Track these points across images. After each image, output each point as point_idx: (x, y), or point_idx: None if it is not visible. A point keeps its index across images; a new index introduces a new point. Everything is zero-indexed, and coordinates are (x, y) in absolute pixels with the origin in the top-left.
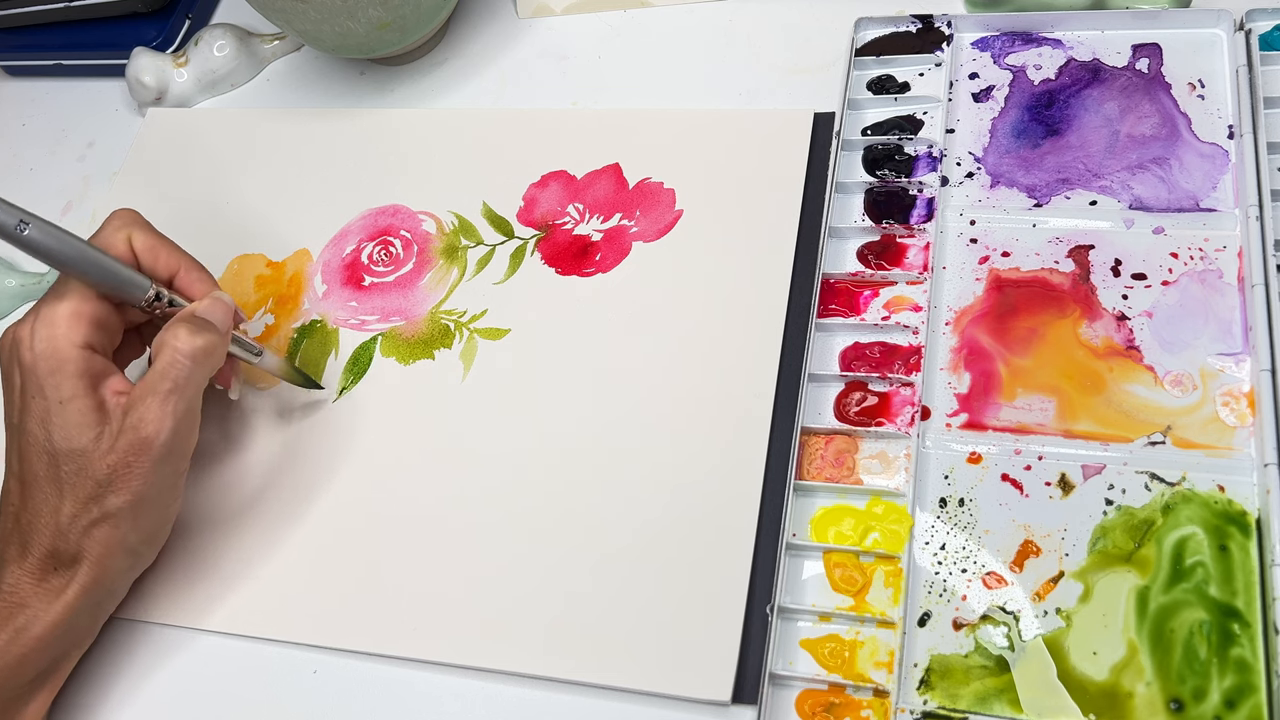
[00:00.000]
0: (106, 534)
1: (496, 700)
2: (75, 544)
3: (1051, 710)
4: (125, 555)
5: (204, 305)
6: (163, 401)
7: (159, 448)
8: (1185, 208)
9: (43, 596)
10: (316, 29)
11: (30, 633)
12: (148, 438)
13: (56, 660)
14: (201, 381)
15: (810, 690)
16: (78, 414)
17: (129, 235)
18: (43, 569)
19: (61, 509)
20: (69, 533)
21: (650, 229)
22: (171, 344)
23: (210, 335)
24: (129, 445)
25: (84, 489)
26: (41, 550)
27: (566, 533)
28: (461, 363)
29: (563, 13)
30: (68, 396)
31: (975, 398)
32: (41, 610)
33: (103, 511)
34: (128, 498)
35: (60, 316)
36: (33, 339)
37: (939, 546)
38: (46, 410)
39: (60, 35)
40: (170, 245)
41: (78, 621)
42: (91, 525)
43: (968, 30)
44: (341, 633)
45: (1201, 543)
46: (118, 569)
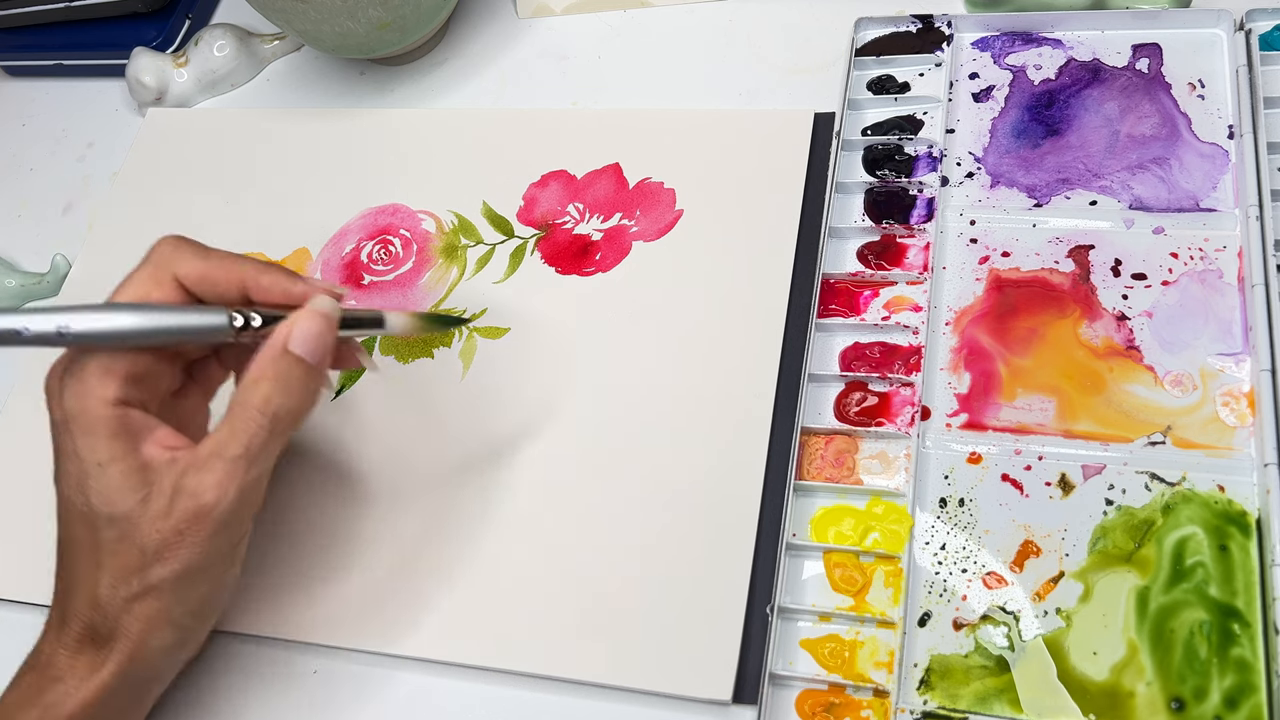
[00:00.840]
0: (148, 609)
1: (496, 700)
2: (114, 619)
3: (1052, 710)
4: (171, 631)
5: (300, 331)
6: (230, 467)
7: (218, 517)
8: (1185, 208)
9: (77, 673)
10: (316, 29)
11: (60, 710)
12: (206, 505)
13: None
14: (279, 447)
15: (810, 690)
16: (119, 477)
17: (174, 273)
18: (79, 641)
19: (100, 579)
20: (108, 605)
21: (650, 229)
22: (251, 403)
23: (299, 395)
24: (184, 513)
25: (126, 558)
26: (79, 622)
27: (565, 532)
28: (461, 361)
29: (563, 13)
30: (104, 459)
31: (975, 398)
32: (74, 688)
33: (145, 584)
34: (176, 568)
35: (90, 371)
36: (62, 394)
37: (939, 546)
38: (83, 473)
39: (60, 35)
40: (225, 260)
41: (115, 702)
42: (132, 598)
43: (968, 30)
44: (341, 633)
45: (1201, 543)
46: (160, 647)
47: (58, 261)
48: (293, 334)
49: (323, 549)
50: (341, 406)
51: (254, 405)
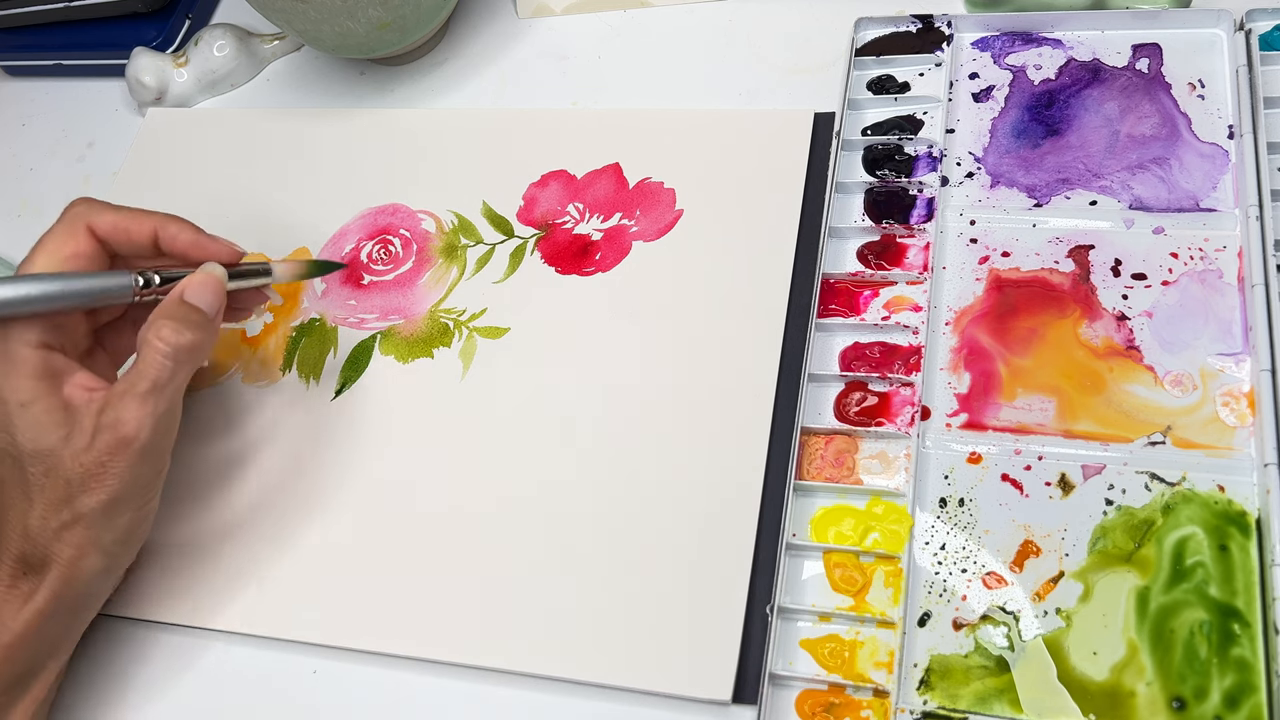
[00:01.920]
0: (78, 535)
1: (496, 700)
2: (44, 547)
3: (1052, 710)
4: (99, 556)
5: (194, 285)
6: (142, 401)
7: (138, 447)
8: (1185, 208)
9: (11, 602)
10: (316, 29)
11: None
12: (126, 437)
13: (32, 669)
14: (184, 380)
15: (810, 690)
16: (42, 414)
17: (87, 224)
18: (12, 574)
19: (30, 512)
20: (38, 536)
21: (650, 229)
22: (154, 342)
23: (196, 333)
24: (106, 445)
25: (54, 490)
26: (10, 556)
27: (565, 532)
28: (461, 361)
29: (563, 13)
30: (28, 398)
31: (975, 398)
32: (10, 617)
33: (74, 513)
34: (102, 497)
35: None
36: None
37: (939, 546)
38: (7, 414)
39: (60, 35)
40: (136, 214)
41: (50, 628)
42: (62, 527)
43: (968, 30)
44: (341, 633)
45: (1201, 543)
46: (91, 571)
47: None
48: (187, 288)
49: (321, 549)
50: (341, 406)
51: (155, 345)
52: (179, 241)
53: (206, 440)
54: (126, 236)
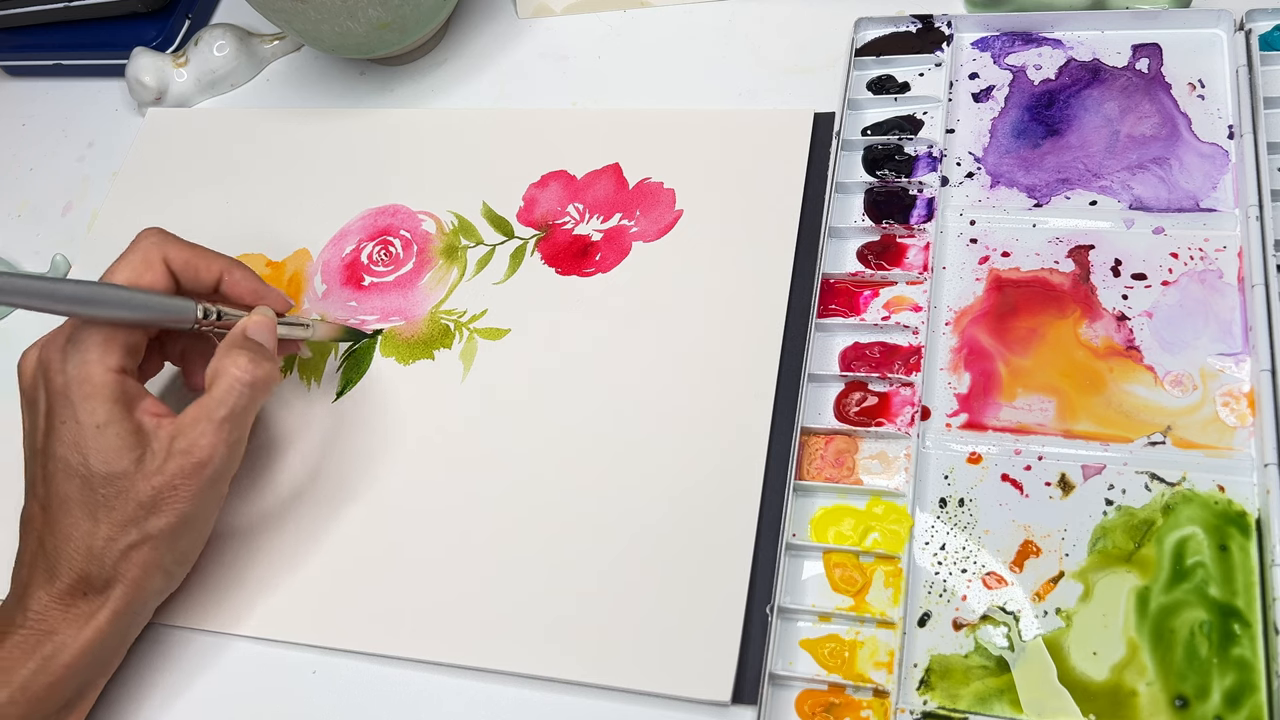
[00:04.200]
0: (145, 556)
1: (496, 700)
2: (111, 567)
3: (1052, 710)
4: (161, 577)
5: (254, 324)
6: (218, 428)
7: (210, 472)
8: (1185, 208)
9: (72, 623)
10: (316, 29)
11: (59, 660)
12: (200, 461)
13: (84, 686)
14: (255, 409)
15: (810, 690)
16: (116, 438)
17: (163, 256)
18: (72, 593)
19: (96, 532)
20: (104, 556)
21: (650, 229)
22: (232, 372)
23: (269, 364)
24: (179, 468)
25: (123, 512)
26: (72, 575)
27: (566, 532)
28: (461, 363)
29: (562, 13)
30: (104, 421)
31: (975, 398)
32: (70, 637)
33: (143, 534)
34: (171, 519)
35: (94, 342)
36: (64, 363)
37: (939, 547)
38: (80, 434)
39: (60, 35)
40: (206, 253)
41: (107, 646)
42: (130, 548)
43: (968, 30)
44: (341, 633)
45: (1202, 543)
46: (151, 591)
47: (58, 261)
48: (249, 326)
49: (322, 549)
50: (342, 408)
51: (235, 374)
52: (241, 286)
53: None
54: (195, 274)
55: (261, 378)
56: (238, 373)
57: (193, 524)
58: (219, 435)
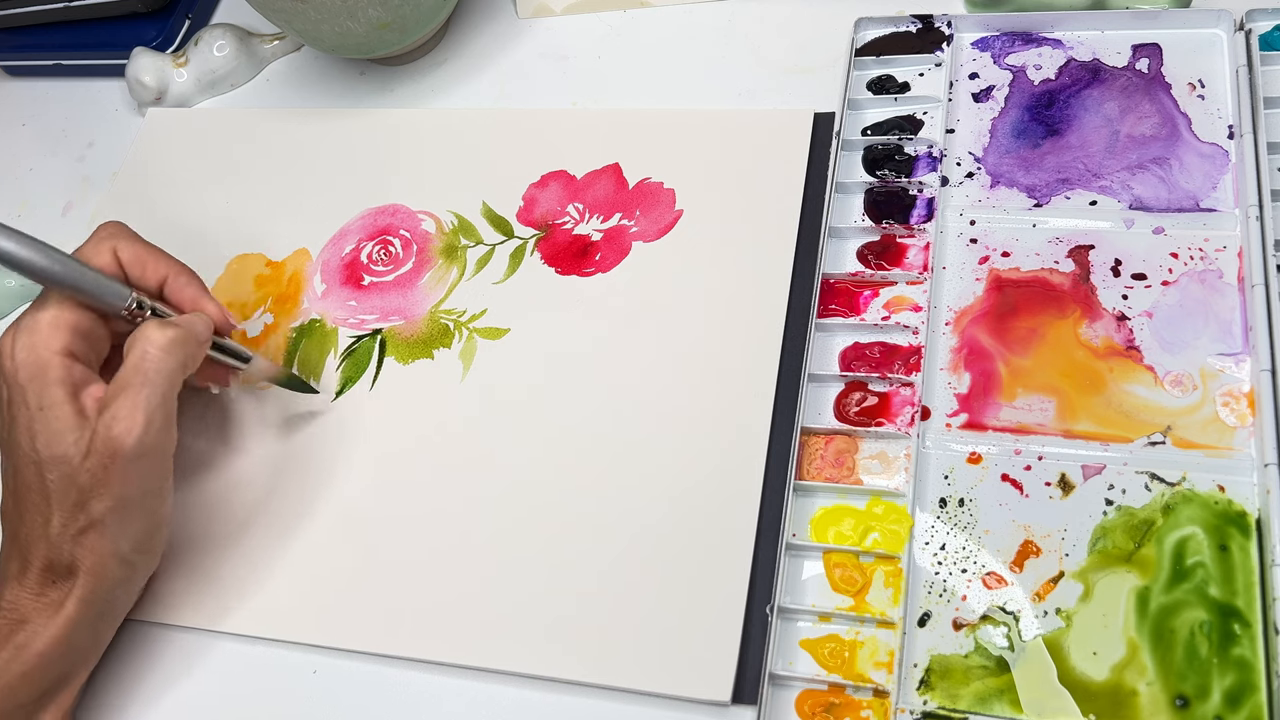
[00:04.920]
0: (95, 541)
1: (496, 700)
2: (69, 554)
3: (1052, 710)
4: (119, 565)
5: (183, 319)
6: (133, 397)
7: (132, 446)
8: (1185, 208)
9: (42, 611)
10: (316, 29)
11: (31, 649)
12: (118, 435)
13: (61, 678)
14: (173, 376)
15: (810, 690)
16: (58, 420)
17: (114, 246)
18: (41, 582)
19: (52, 519)
20: (60, 542)
21: (650, 229)
22: (140, 340)
23: (177, 330)
24: (104, 448)
25: (69, 496)
26: (39, 563)
27: (565, 532)
28: (461, 362)
29: (563, 13)
30: (48, 403)
31: (975, 398)
32: (41, 626)
33: (89, 518)
34: (109, 502)
35: (41, 324)
36: (14, 347)
37: (939, 547)
38: (30, 419)
39: (60, 35)
40: (158, 254)
41: (78, 636)
42: (80, 533)
43: (968, 30)
44: (341, 633)
45: (1202, 543)
46: (113, 578)
47: None
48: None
49: (322, 549)
50: (341, 407)
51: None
52: (184, 293)
53: (207, 441)
54: (141, 270)
55: (171, 339)
56: (145, 342)
57: (135, 505)
58: (134, 405)
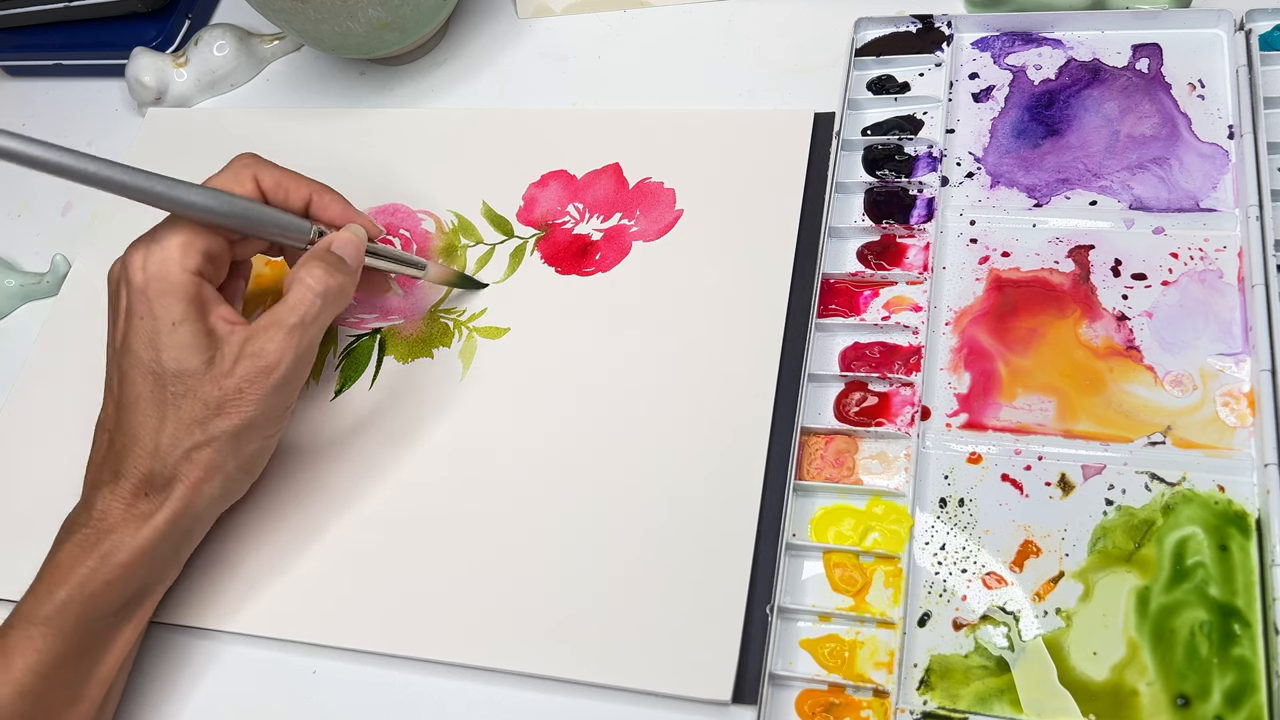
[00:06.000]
0: (207, 457)
1: (497, 700)
2: (173, 467)
3: (1052, 710)
4: (220, 481)
5: (339, 239)
6: (288, 334)
7: (278, 377)
8: (1185, 208)
9: (131, 521)
10: (316, 29)
11: (116, 559)
12: (268, 366)
13: (141, 591)
14: (327, 320)
15: (810, 690)
16: (190, 336)
17: (254, 174)
18: (134, 493)
19: (163, 430)
20: (168, 455)
21: (650, 229)
22: (306, 281)
23: (343, 276)
24: (247, 372)
25: (190, 411)
26: (137, 474)
27: (566, 532)
28: (460, 361)
29: (563, 13)
30: (180, 319)
31: (975, 398)
32: (129, 535)
33: (207, 435)
34: (235, 422)
35: (175, 243)
36: (145, 260)
37: (939, 547)
38: (156, 331)
39: (60, 35)
40: (296, 176)
41: (163, 549)
42: (193, 448)
43: (968, 30)
44: (341, 632)
45: (1202, 543)
46: (210, 495)
47: (58, 261)
48: (334, 240)
49: (322, 548)
50: (341, 406)
51: (307, 283)
52: (330, 210)
53: None
54: (285, 195)
55: (334, 288)
56: (311, 281)
57: (257, 429)
58: (289, 341)
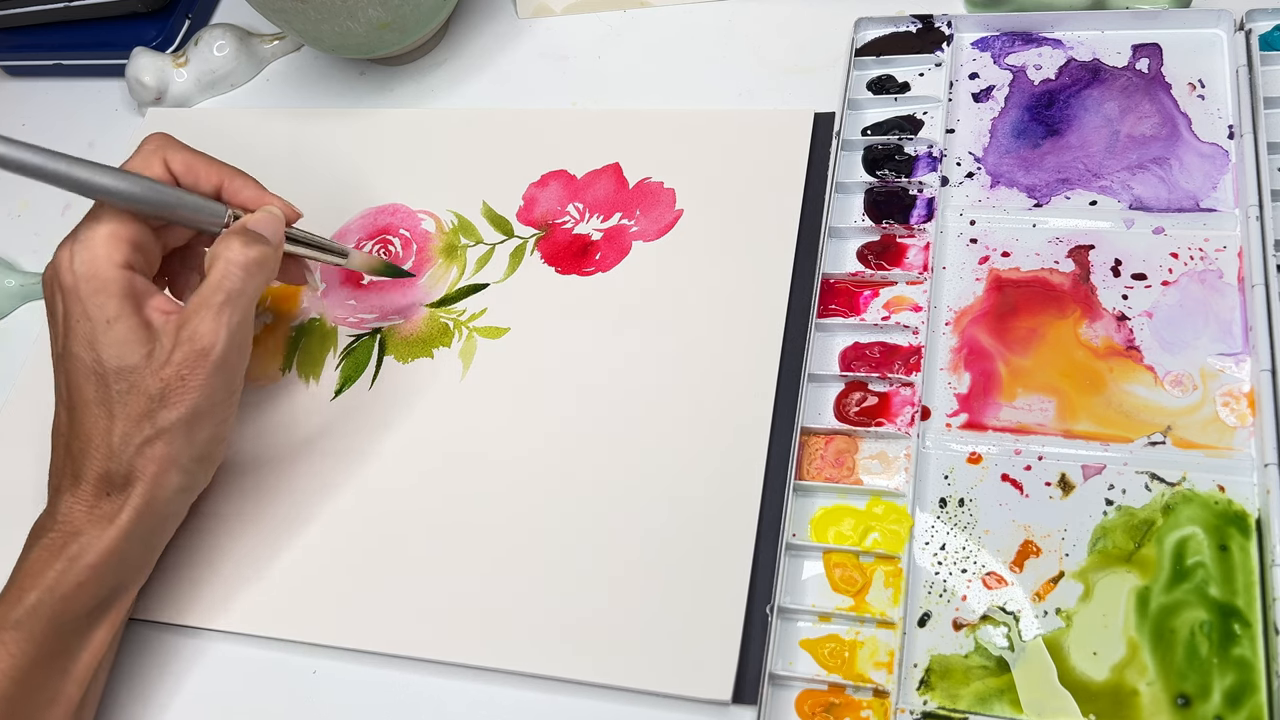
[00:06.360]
0: (160, 451)
1: (497, 700)
2: (128, 464)
3: (1052, 710)
4: (179, 474)
5: (255, 218)
6: (217, 313)
7: (215, 358)
8: (1185, 208)
9: (96, 522)
10: (316, 29)
11: (84, 560)
12: (204, 349)
13: (114, 590)
14: (254, 293)
15: (810, 690)
16: (126, 332)
17: (164, 158)
18: (95, 494)
19: (113, 429)
20: (121, 453)
21: (650, 229)
22: (224, 255)
23: (262, 246)
24: (184, 358)
25: (136, 406)
26: (94, 475)
27: (566, 532)
28: (460, 361)
29: (562, 13)
30: (113, 316)
31: (975, 398)
32: (95, 537)
33: (156, 428)
34: (181, 411)
35: (99, 238)
36: (73, 261)
37: (939, 547)
38: (92, 331)
39: (60, 35)
40: (207, 159)
41: (131, 548)
42: (144, 443)
43: (968, 30)
44: (341, 632)
45: (1202, 543)
46: (172, 488)
47: None
48: (249, 220)
49: (321, 548)
50: (340, 405)
51: (226, 258)
52: (242, 195)
53: None
54: (195, 178)
55: (254, 258)
56: (230, 255)
57: (204, 416)
58: (219, 319)
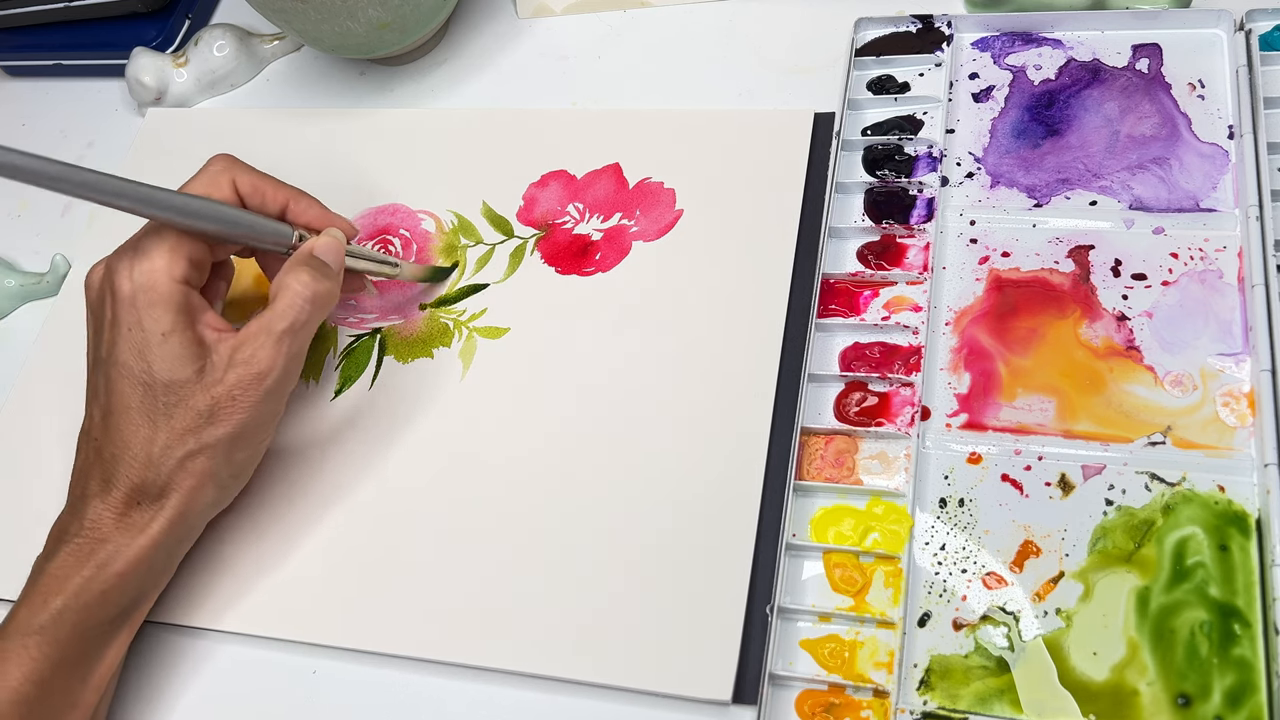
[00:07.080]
0: (201, 466)
1: (496, 700)
2: (166, 475)
3: (1052, 710)
4: (214, 489)
5: (321, 244)
6: (278, 340)
7: (269, 384)
8: (1185, 208)
9: (125, 531)
10: (316, 29)
11: (112, 568)
12: (260, 373)
13: (136, 599)
14: (315, 325)
15: (810, 690)
16: (179, 347)
17: (232, 179)
18: (126, 503)
19: (155, 439)
20: (161, 464)
21: (650, 229)
22: (293, 287)
23: (331, 282)
24: (238, 379)
25: (182, 420)
26: (128, 483)
27: (565, 532)
28: (460, 361)
29: (563, 13)
30: (169, 329)
31: (975, 398)
32: (124, 545)
33: (200, 443)
34: (228, 429)
35: (159, 251)
36: (132, 271)
37: (939, 547)
38: (145, 342)
39: (60, 35)
40: (273, 181)
41: (158, 558)
42: (186, 457)
43: (968, 30)
44: (341, 632)
45: (1202, 543)
46: (204, 503)
47: (57, 261)
48: (316, 245)
49: (322, 548)
50: (341, 406)
51: (295, 290)
52: (308, 214)
53: None
54: (261, 199)
55: (322, 293)
56: (299, 287)
57: (249, 436)
58: (279, 348)
